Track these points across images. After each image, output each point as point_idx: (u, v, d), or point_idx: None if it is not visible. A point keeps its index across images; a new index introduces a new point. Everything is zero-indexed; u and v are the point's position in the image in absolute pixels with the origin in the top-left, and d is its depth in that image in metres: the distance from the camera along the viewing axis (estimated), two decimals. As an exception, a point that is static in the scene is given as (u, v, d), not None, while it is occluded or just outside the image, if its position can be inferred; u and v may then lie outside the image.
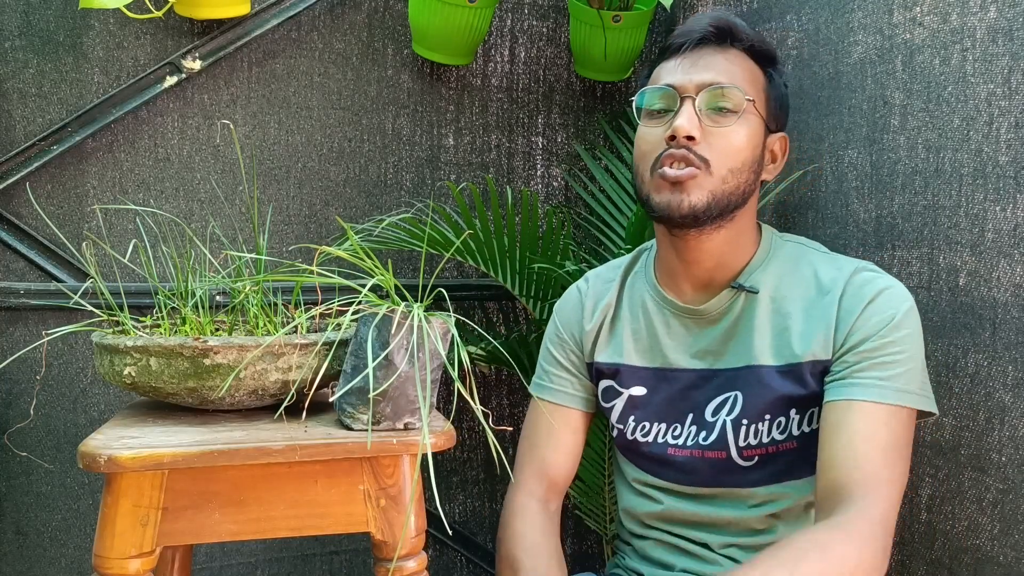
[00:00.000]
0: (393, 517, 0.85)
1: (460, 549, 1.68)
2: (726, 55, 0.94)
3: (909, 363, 0.87)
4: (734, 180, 0.91)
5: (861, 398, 0.85)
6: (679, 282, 0.98)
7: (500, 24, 1.65)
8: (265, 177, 1.53)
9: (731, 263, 0.95)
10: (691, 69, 0.93)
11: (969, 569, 0.99)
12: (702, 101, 0.91)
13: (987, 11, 0.95)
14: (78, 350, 1.45)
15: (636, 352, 1.01)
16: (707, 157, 0.90)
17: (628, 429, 1.01)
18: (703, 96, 0.91)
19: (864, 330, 0.87)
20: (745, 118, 0.91)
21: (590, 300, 1.06)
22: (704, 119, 0.91)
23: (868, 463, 0.82)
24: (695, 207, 0.90)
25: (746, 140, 0.91)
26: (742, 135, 0.91)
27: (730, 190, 0.91)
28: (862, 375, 0.86)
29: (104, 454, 0.76)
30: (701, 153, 0.90)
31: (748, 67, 0.95)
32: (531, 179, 1.70)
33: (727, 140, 0.91)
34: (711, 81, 0.91)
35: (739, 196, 0.92)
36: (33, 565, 1.44)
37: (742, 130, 0.91)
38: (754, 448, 0.93)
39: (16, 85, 1.39)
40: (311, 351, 0.89)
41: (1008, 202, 0.93)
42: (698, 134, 0.90)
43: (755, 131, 0.93)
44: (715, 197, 0.90)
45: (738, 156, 0.91)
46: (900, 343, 0.86)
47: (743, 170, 0.91)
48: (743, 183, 0.92)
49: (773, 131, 0.97)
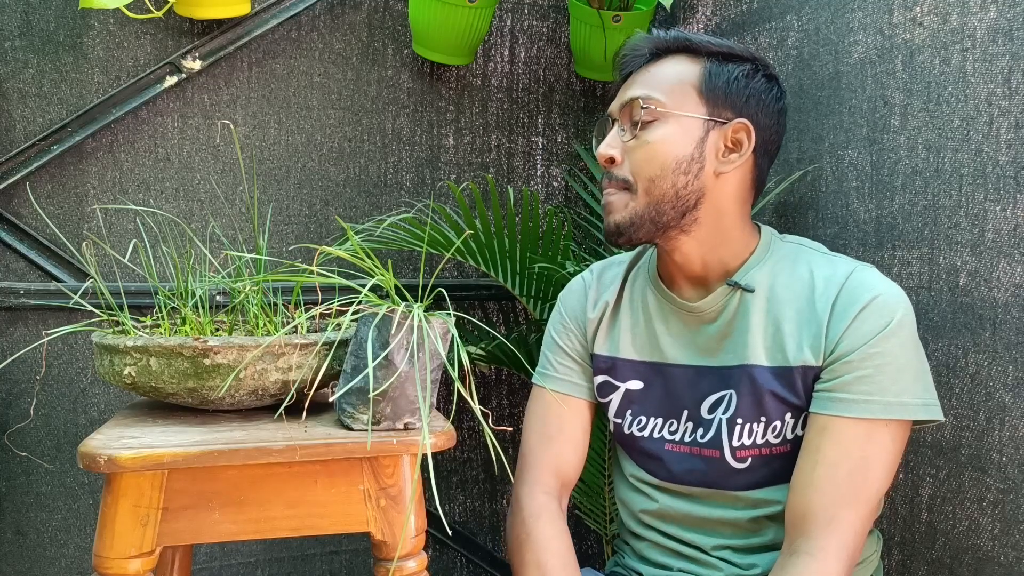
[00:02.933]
0: (393, 517, 0.85)
1: (460, 549, 1.68)
2: (655, 66, 0.95)
3: (902, 372, 0.85)
4: (658, 188, 0.92)
5: (843, 414, 0.85)
6: (677, 280, 0.99)
7: (500, 24, 1.65)
8: (265, 177, 1.53)
9: (723, 261, 0.95)
10: (620, 93, 0.97)
11: (970, 569, 0.99)
12: (623, 119, 0.95)
13: (987, 11, 0.95)
14: (78, 350, 1.45)
15: (632, 346, 1.01)
16: (625, 177, 0.94)
17: (625, 423, 1.02)
18: (623, 115, 0.95)
19: (854, 339, 0.86)
20: (664, 123, 0.92)
21: (594, 290, 1.07)
22: (626, 136, 0.94)
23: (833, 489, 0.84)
24: (619, 225, 0.94)
25: (665, 145, 0.91)
26: (657, 141, 0.92)
27: (657, 199, 0.92)
28: (849, 388, 0.85)
29: (104, 454, 0.76)
30: (620, 175, 0.94)
31: (676, 68, 0.94)
32: (531, 179, 1.70)
33: (643, 151, 0.92)
34: (628, 98, 0.94)
35: (675, 200, 0.92)
36: (33, 565, 1.44)
37: (657, 136, 0.92)
38: (747, 449, 0.93)
39: (16, 85, 1.39)
40: (311, 351, 0.89)
41: (1008, 202, 0.93)
42: (618, 154, 0.94)
43: (679, 132, 0.91)
44: (638, 212, 0.93)
45: (655, 163, 0.91)
46: (892, 352, 0.85)
47: (666, 175, 0.91)
48: (673, 187, 0.91)
49: (726, 121, 0.93)
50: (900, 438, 0.86)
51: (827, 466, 0.85)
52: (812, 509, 0.85)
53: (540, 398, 1.07)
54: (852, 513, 0.84)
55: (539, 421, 1.05)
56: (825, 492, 0.84)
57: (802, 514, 0.86)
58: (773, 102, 0.95)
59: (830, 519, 0.84)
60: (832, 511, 0.84)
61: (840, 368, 0.86)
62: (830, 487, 0.84)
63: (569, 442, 1.04)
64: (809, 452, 0.87)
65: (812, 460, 0.86)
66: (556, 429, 1.04)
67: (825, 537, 0.83)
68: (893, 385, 0.84)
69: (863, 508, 0.84)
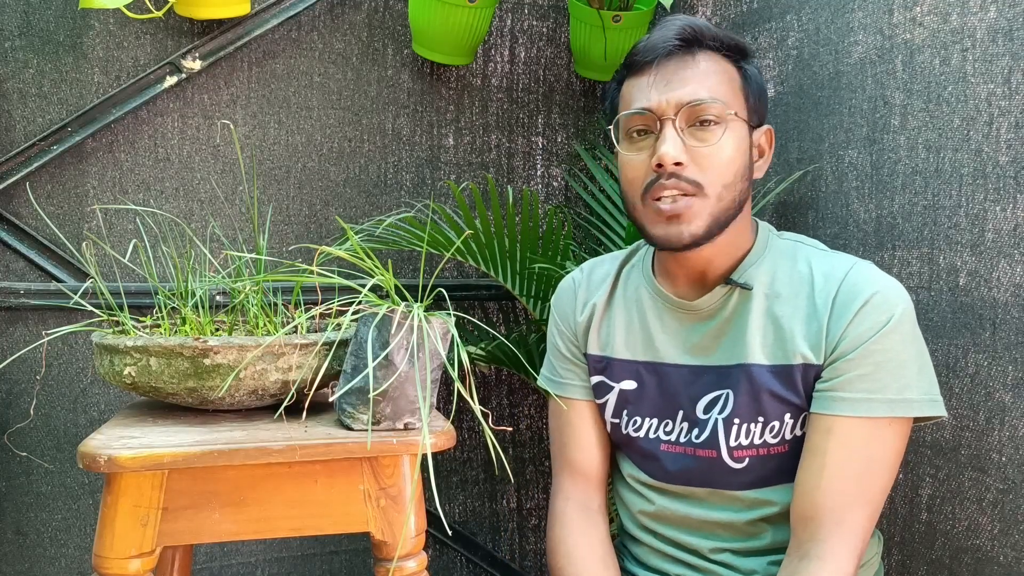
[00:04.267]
0: (393, 517, 0.85)
1: (460, 549, 1.68)
2: (697, 63, 0.90)
3: (905, 368, 0.84)
4: (729, 195, 0.89)
5: (846, 413, 0.85)
6: (674, 279, 0.98)
7: (500, 24, 1.65)
8: (265, 177, 1.53)
9: (725, 260, 0.95)
10: (666, 88, 0.89)
11: (969, 569, 0.99)
12: (683, 120, 0.88)
13: (987, 11, 0.95)
14: (78, 350, 1.45)
15: (626, 346, 1.01)
16: (699, 180, 0.87)
17: (622, 423, 1.01)
18: (683, 115, 0.88)
19: (855, 336, 0.85)
20: (729, 127, 0.89)
21: (583, 290, 1.06)
22: (688, 139, 0.88)
23: (841, 490, 0.84)
24: (696, 236, 0.88)
25: (734, 151, 0.89)
26: (730, 147, 0.88)
27: (726, 206, 0.89)
28: (851, 387, 0.85)
29: (104, 454, 0.76)
30: (692, 178, 0.87)
31: (721, 70, 0.90)
32: (531, 179, 1.70)
33: (715, 157, 0.87)
34: (689, 98, 0.87)
35: (736, 207, 0.90)
36: (33, 565, 1.44)
37: (729, 142, 0.88)
38: (745, 449, 0.92)
39: (16, 85, 1.39)
40: (311, 351, 0.89)
41: (1008, 202, 0.93)
42: (685, 158, 0.87)
43: (741, 137, 0.90)
44: (714, 218, 0.88)
45: (729, 169, 0.88)
46: (893, 349, 0.84)
47: (736, 181, 0.89)
48: (738, 194, 0.90)
49: (756, 127, 0.94)
50: (904, 435, 0.86)
51: (833, 467, 0.84)
52: (820, 511, 0.85)
53: (552, 405, 1.09)
54: (860, 514, 0.84)
55: (553, 427, 1.08)
56: (833, 494, 0.84)
57: (810, 516, 0.85)
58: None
59: (839, 521, 0.84)
60: (840, 513, 0.84)
61: (842, 366, 0.86)
62: (837, 489, 0.84)
63: (582, 446, 1.05)
64: (814, 453, 0.86)
65: (818, 462, 0.86)
66: (568, 435, 1.06)
67: (835, 540, 0.83)
68: (895, 382, 0.84)
69: (870, 508, 0.85)
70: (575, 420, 1.05)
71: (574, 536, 1.00)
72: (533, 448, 1.74)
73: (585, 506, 1.03)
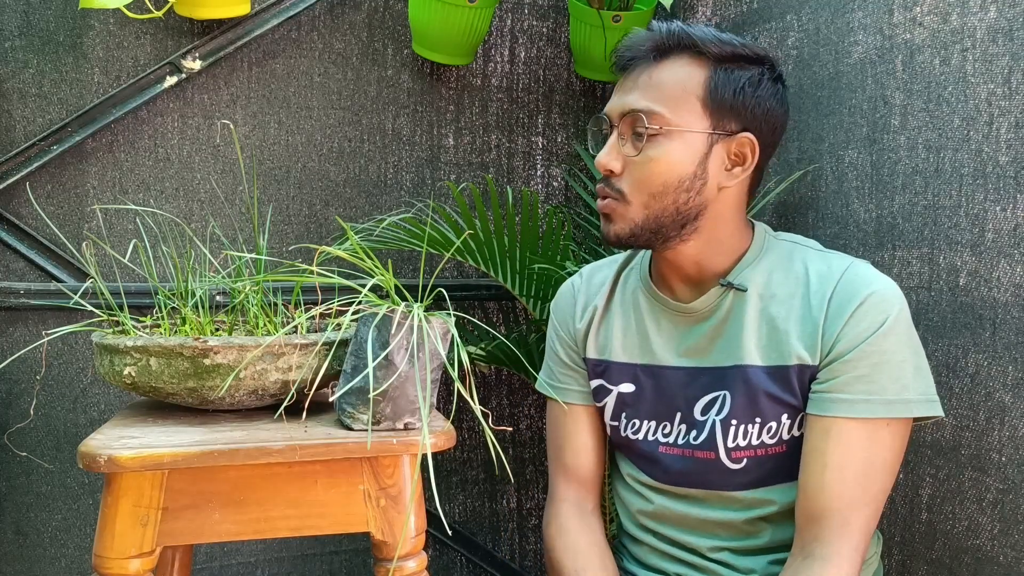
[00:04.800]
0: (393, 517, 0.85)
1: (460, 549, 1.68)
2: (659, 68, 0.90)
3: (902, 369, 0.84)
4: (658, 204, 0.90)
5: (845, 415, 0.85)
6: (669, 280, 0.98)
7: (500, 24, 1.65)
8: (265, 177, 1.53)
9: (717, 262, 0.94)
10: (620, 93, 0.93)
11: (969, 569, 0.99)
12: (624, 128, 0.91)
13: (987, 11, 0.95)
14: (78, 350, 1.45)
15: (623, 349, 1.01)
16: (622, 189, 0.91)
17: (621, 426, 1.02)
18: (624, 124, 0.91)
19: (851, 337, 0.85)
20: (667, 139, 0.89)
21: (582, 295, 1.07)
22: (628, 146, 0.91)
23: (844, 491, 0.85)
24: (619, 235, 0.93)
25: (666, 164, 0.89)
26: (661, 159, 0.89)
27: (656, 214, 0.90)
28: (849, 389, 0.85)
29: (104, 454, 0.76)
30: (618, 186, 0.92)
31: (681, 74, 0.89)
32: (531, 179, 1.70)
33: (644, 168, 0.90)
34: (628, 108, 0.90)
35: (676, 215, 0.90)
36: (33, 565, 1.44)
37: (660, 153, 0.89)
38: (743, 450, 0.92)
39: (16, 85, 1.39)
40: (311, 351, 0.89)
41: (1008, 202, 0.93)
42: (618, 166, 0.91)
43: (683, 147, 0.89)
44: (638, 224, 0.91)
45: (656, 181, 0.89)
46: (890, 350, 0.84)
47: (668, 192, 0.89)
48: (674, 204, 0.90)
49: (731, 133, 0.90)
50: (903, 435, 0.86)
51: (835, 469, 0.85)
52: (824, 513, 0.85)
53: (550, 408, 1.10)
54: (863, 514, 0.85)
55: (550, 430, 1.09)
56: (835, 496, 0.85)
57: (814, 517, 0.86)
58: (778, 106, 0.93)
59: (843, 522, 0.84)
60: (844, 514, 0.84)
61: (839, 368, 0.86)
62: (840, 490, 0.84)
63: (577, 450, 1.06)
64: (815, 455, 0.87)
65: (819, 463, 0.86)
66: (564, 439, 1.07)
67: (839, 541, 0.84)
68: (893, 383, 0.84)
69: (872, 507, 0.85)
70: (571, 425, 1.06)
71: (572, 533, 1.02)
72: (533, 448, 1.74)
73: (580, 507, 1.04)
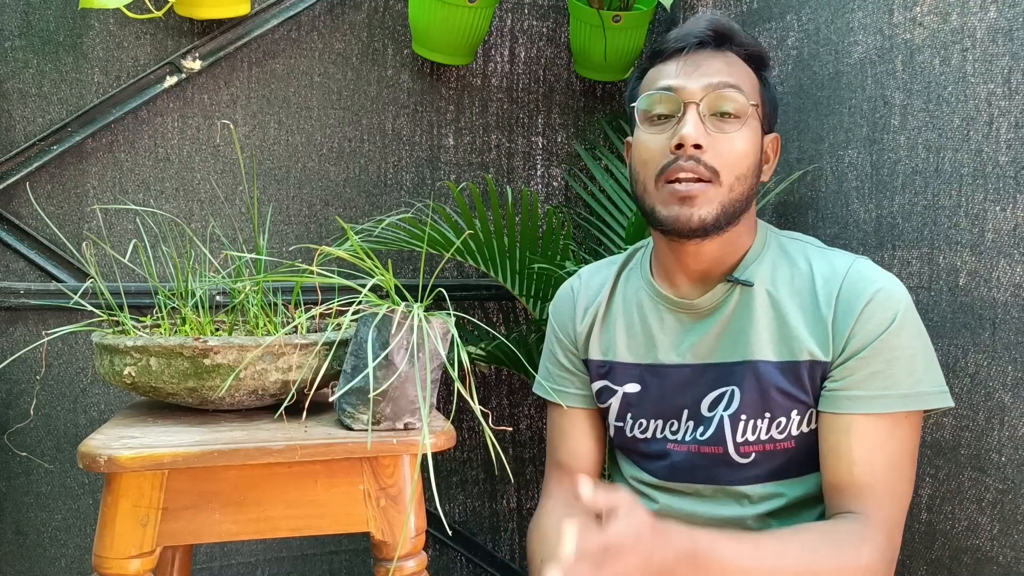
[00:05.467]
0: (393, 517, 0.85)
1: (460, 549, 1.68)
2: (725, 59, 0.93)
3: (914, 363, 0.86)
4: (740, 187, 0.90)
5: (863, 411, 0.86)
6: (674, 277, 0.98)
7: (500, 24, 1.65)
8: (265, 177, 1.53)
9: (727, 258, 0.95)
10: (693, 73, 0.90)
11: (969, 569, 0.99)
12: (706, 106, 0.89)
13: (987, 11, 0.95)
14: (78, 350, 1.45)
15: (628, 349, 1.01)
16: (715, 167, 0.88)
17: (627, 427, 1.02)
18: (707, 100, 0.89)
19: (863, 335, 0.86)
20: (748, 122, 0.91)
21: (582, 298, 1.07)
22: (708, 125, 0.89)
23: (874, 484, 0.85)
24: (705, 221, 0.89)
25: (750, 145, 0.91)
26: (747, 140, 0.90)
27: (736, 198, 0.90)
28: (865, 386, 0.86)
29: (104, 454, 0.76)
30: (710, 163, 0.88)
31: (746, 71, 0.94)
32: (531, 179, 1.70)
33: (733, 146, 0.89)
34: (718, 80, 0.89)
35: (744, 202, 0.92)
36: (33, 565, 1.44)
37: (747, 135, 0.90)
38: (752, 444, 0.93)
39: (16, 85, 1.39)
40: (311, 351, 0.89)
41: (1008, 202, 0.93)
42: (705, 142, 0.88)
43: (756, 135, 0.93)
44: (724, 208, 0.89)
45: (744, 162, 0.90)
46: (902, 345, 0.86)
47: (748, 176, 0.91)
48: (748, 189, 0.91)
49: (767, 133, 0.97)
50: (918, 427, 0.87)
51: (861, 463, 0.85)
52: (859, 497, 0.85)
53: (548, 408, 1.10)
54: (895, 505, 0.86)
55: (548, 431, 1.10)
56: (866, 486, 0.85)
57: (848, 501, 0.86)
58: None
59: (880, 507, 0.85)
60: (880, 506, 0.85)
61: (853, 365, 0.87)
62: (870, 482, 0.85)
63: (572, 453, 1.06)
64: (839, 452, 0.87)
65: (845, 460, 0.86)
66: (559, 439, 1.07)
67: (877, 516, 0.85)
68: (907, 377, 0.86)
69: (901, 500, 0.86)
70: (567, 426, 1.06)
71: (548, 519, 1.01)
72: (533, 448, 1.74)
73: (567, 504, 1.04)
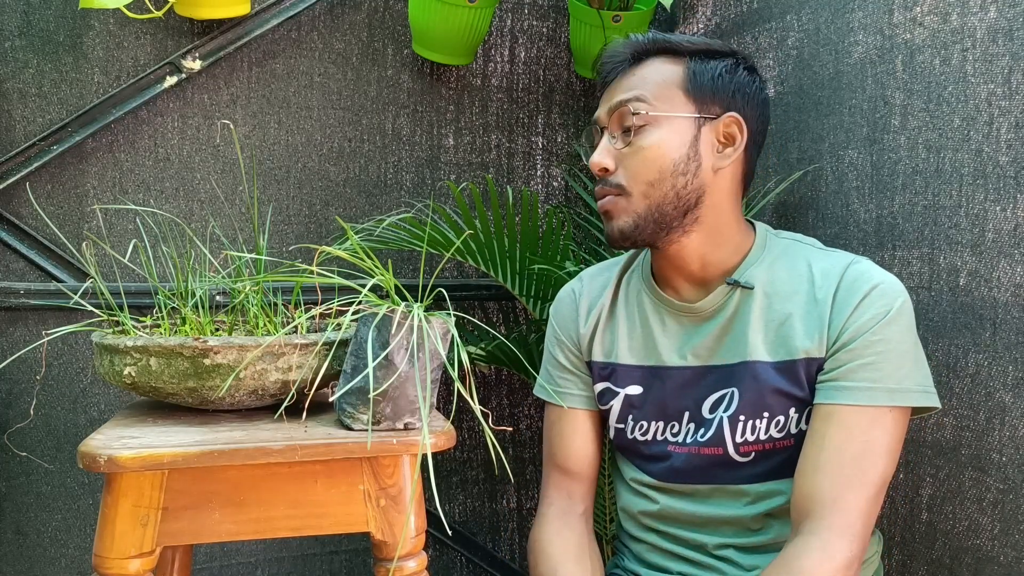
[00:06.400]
0: (393, 517, 0.85)
1: (460, 549, 1.68)
2: (638, 70, 0.96)
3: (903, 359, 0.86)
4: (657, 191, 0.92)
5: (848, 402, 0.86)
6: (674, 281, 0.99)
7: (500, 24, 1.65)
8: (265, 177, 1.53)
9: (722, 260, 0.96)
10: (605, 99, 0.97)
11: (969, 569, 0.99)
12: (613, 127, 0.95)
13: (987, 11, 0.95)
14: (78, 350, 1.45)
15: (630, 351, 1.01)
16: (620, 183, 0.93)
17: (628, 428, 1.02)
18: (612, 122, 0.95)
19: (856, 327, 0.87)
20: (656, 126, 0.92)
21: (584, 300, 1.07)
22: (619, 143, 0.94)
23: (838, 472, 0.85)
24: (623, 231, 0.94)
25: (660, 149, 0.92)
26: (652, 146, 0.92)
27: (658, 202, 0.92)
28: (853, 376, 0.86)
29: (104, 454, 0.76)
30: (614, 180, 0.94)
31: (659, 73, 0.94)
32: (531, 179, 1.70)
33: (637, 157, 0.93)
34: (616, 103, 0.94)
35: (676, 201, 0.93)
36: (33, 565, 1.44)
37: (651, 141, 0.92)
38: (751, 444, 0.93)
39: (16, 85, 1.39)
40: (311, 351, 0.89)
41: (1008, 202, 0.93)
42: (611, 163, 0.94)
43: (672, 133, 0.92)
44: (640, 215, 0.93)
45: (652, 168, 0.92)
46: (893, 340, 0.86)
47: (665, 178, 0.92)
48: (673, 189, 0.92)
49: (715, 116, 0.94)
50: (902, 423, 0.87)
51: (832, 451, 0.85)
52: (817, 492, 0.85)
53: (547, 410, 1.10)
54: (857, 495, 0.84)
55: (545, 434, 1.09)
56: (829, 475, 0.85)
57: (807, 497, 0.86)
58: (757, 93, 0.97)
59: (834, 500, 0.84)
60: (836, 492, 0.84)
61: (843, 356, 0.87)
62: (834, 470, 0.85)
63: (570, 454, 1.06)
64: (814, 439, 0.88)
65: (817, 446, 0.87)
66: (558, 441, 1.07)
67: (829, 517, 0.84)
68: (896, 372, 0.86)
69: (868, 491, 0.85)
70: (567, 428, 1.06)
71: (549, 535, 1.02)
72: (533, 448, 1.74)
73: (567, 511, 1.04)
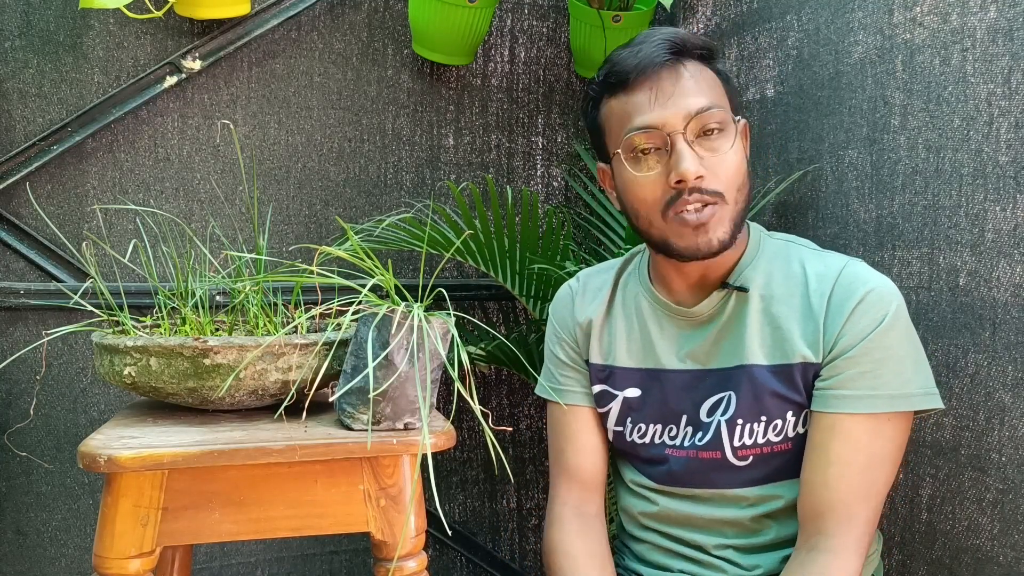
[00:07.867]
0: (393, 517, 0.85)
1: (460, 549, 1.68)
2: (689, 73, 0.90)
3: (902, 364, 0.86)
4: (742, 197, 0.91)
5: (849, 410, 0.86)
6: (672, 285, 0.98)
7: (500, 24, 1.65)
8: (265, 177, 1.53)
9: (722, 264, 0.95)
10: (667, 101, 0.88)
11: (969, 569, 0.99)
12: (691, 132, 0.88)
13: (987, 11, 0.95)
14: (78, 350, 1.45)
15: (628, 353, 1.01)
16: (718, 190, 0.88)
17: (626, 431, 1.02)
18: (691, 127, 0.88)
19: (853, 334, 0.86)
20: (730, 132, 0.90)
21: (580, 299, 1.06)
22: (698, 149, 0.88)
23: (848, 486, 0.85)
24: (724, 242, 0.89)
25: (739, 154, 0.91)
26: (737, 151, 0.90)
27: (742, 208, 0.91)
28: (852, 385, 0.86)
29: (104, 454, 0.76)
30: (712, 188, 0.88)
31: (707, 76, 0.92)
32: (531, 179, 1.70)
33: (727, 164, 0.88)
34: (697, 108, 0.87)
35: (747, 208, 0.93)
36: (33, 565, 1.44)
37: (731, 145, 0.89)
38: (749, 448, 0.93)
39: (16, 85, 1.39)
40: (311, 351, 0.89)
41: (1008, 202, 0.93)
42: (703, 171, 0.87)
43: (736, 137, 0.91)
44: (734, 222, 0.90)
45: (739, 173, 0.90)
46: (891, 346, 0.86)
47: (745, 183, 0.91)
48: (747, 194, 0.92)
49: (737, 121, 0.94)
50: (904, 428, 0.87)
51: (839, 464, 0.86)
52: (829, 507, 0.86)
53: (551, 411, 1.09)
54: (867, 507, 0.86)
55: (552, 433, 1.09)
56: (840, 490, 0.85)
57: (818, 512, 0.87)
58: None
59: (848, 516, 0.85)
60: (849, 508, 0.85)
61: (842, 364, 0.87)
62: (844, 485, 0.85)
63: (579, 452, 1.05)
64: (819, 451, 0.87)
65: (823, 459, 0.87)
66: (566, 441, 1.06)
67: (845, 534, 0.85)
68: (895, 378, 0.85)
69: (875, 501, 0.86)
70: (573, 426, 1.05)
71: (571, 536, 1.01)
72: (533, 448, 1.74)
73: (581, 511, 1.03)
